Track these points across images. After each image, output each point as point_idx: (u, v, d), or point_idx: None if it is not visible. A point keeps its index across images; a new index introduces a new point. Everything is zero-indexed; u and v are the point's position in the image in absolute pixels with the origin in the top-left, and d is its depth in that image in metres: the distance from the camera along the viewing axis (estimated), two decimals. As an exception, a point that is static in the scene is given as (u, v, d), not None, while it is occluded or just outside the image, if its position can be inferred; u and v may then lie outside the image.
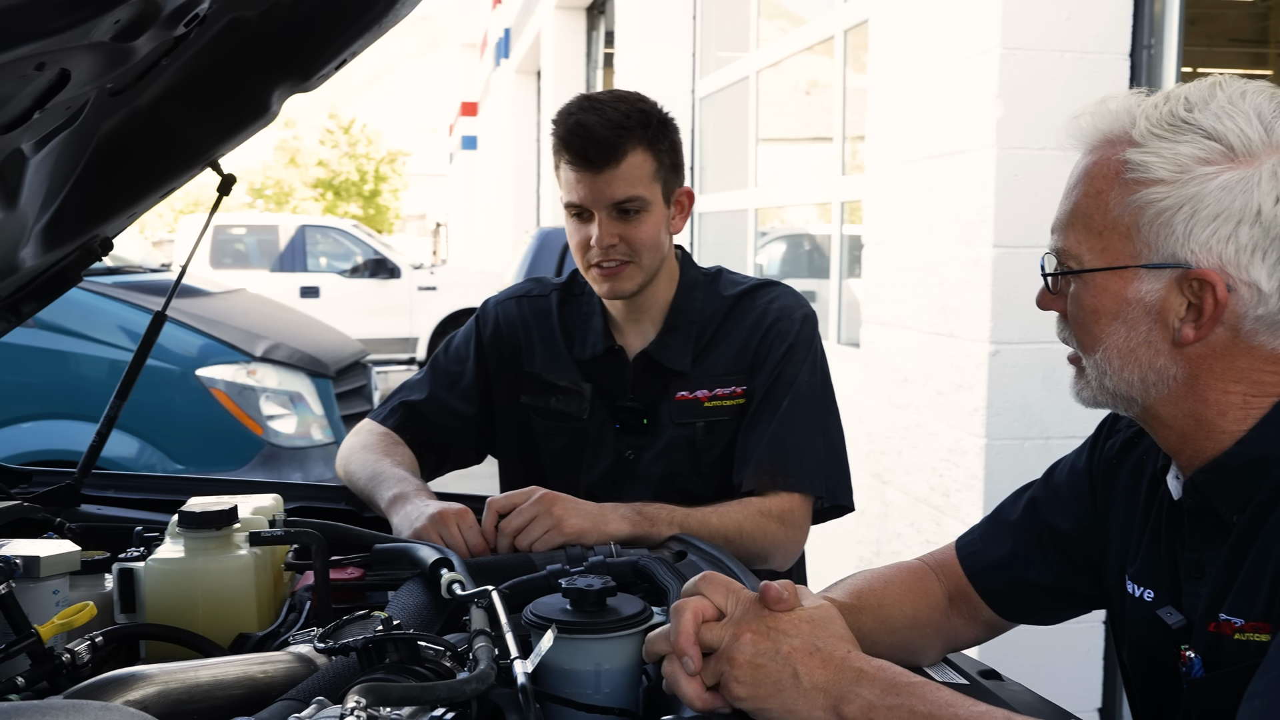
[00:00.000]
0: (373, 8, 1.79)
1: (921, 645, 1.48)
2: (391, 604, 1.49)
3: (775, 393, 2.05)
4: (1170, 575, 1.29)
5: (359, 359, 6.24)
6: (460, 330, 2.29)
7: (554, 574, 1.56)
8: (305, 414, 5.32)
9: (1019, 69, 3.18)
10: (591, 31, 13.18)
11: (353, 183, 40.59)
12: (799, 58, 6.37)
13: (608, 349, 2.15)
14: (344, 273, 14.49)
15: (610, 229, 2.01)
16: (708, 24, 7.87)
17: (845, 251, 5.26)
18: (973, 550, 1.54)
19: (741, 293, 2.17)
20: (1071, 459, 1.52)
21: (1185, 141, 1.17)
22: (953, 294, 3.44)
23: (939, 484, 3.53)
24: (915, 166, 3.68)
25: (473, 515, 1.79)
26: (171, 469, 4.97)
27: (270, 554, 1.63)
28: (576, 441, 2.16)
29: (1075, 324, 1.28)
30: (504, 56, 19.23)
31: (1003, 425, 3.26)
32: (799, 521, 2.00)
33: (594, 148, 1.98)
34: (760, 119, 6.67)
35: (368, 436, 2.14)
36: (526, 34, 16.28)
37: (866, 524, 4.06)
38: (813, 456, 2.03)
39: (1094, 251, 1.24)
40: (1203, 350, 1.20)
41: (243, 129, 1.84)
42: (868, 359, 4.08)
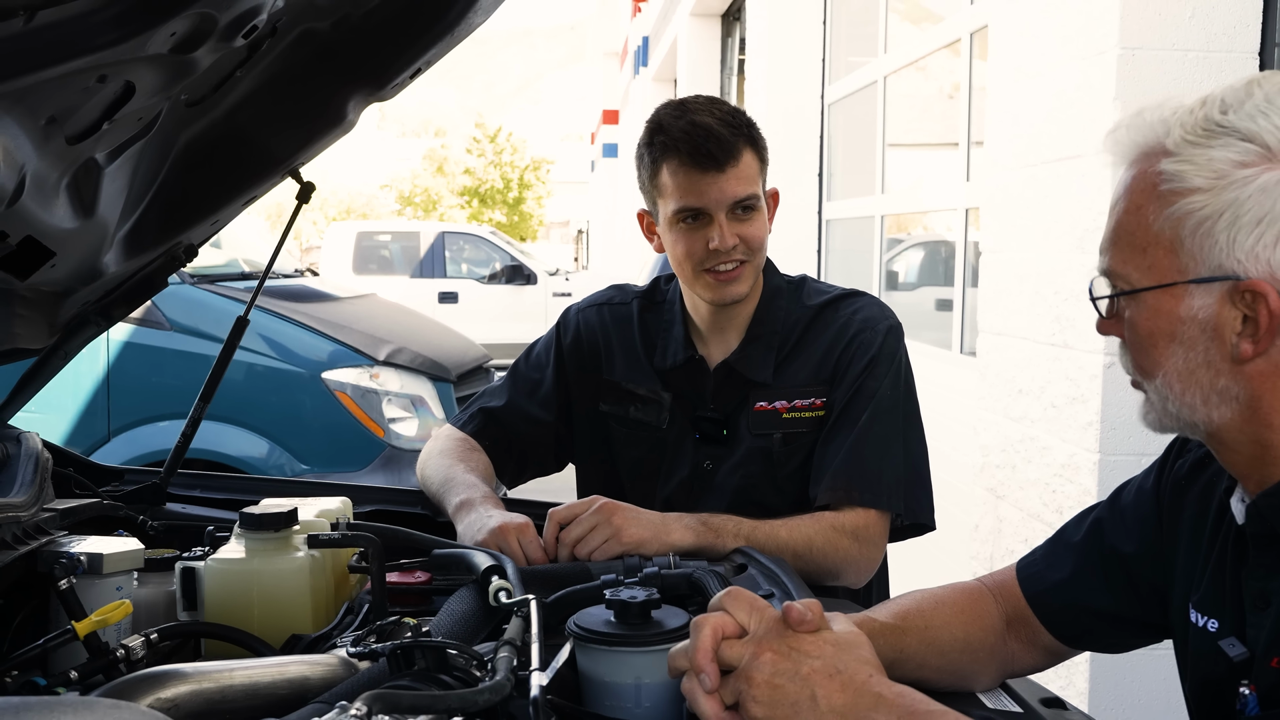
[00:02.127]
0: (444, 17, 1.81)
1: (974, 669, 1.42)
2: (442, 610, 1.50)
3: (855, 406, 2.00)
4: (1235, 605, 1.22)
5: (481, 364, 6.33)
6: (542, 337, 2.29)
7: (606, 584, 1.55)
8: (426, 417, 5.42)
9: (1138, 70, 3.05)
10: (726, 38, 13.16)
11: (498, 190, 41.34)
12: (939, 60, 6.25)
13: (688, 358, 2.13)
14: (482, 279, 14.77)
15: (731, 230, 1.98)
16: (838, 28, 7.77)
17: (969, 260, 5.13)
18: (1033, 571, 1.47)
19: (825, 302, 2.12)
20: (1140, 479, 1.44)
21: (1220, 146, 1.11)
22: (1068, 303, 3.32)
23: (1052, 500, 3.41)
24: (1032, 171, 3.56)
25: (534, 529, 1.79)
26: (298, 470, 5.12)
27: (331, 556, 1.65)
28: (655, 451, 2.14)
29: (1134, 348, 1.23)
30: (643, 64, 19.34)
31: (1118, 440, 3.13)
32: (874, 538, 1.94)
33: (717, 145, 1.95)
34: (891, 123, 6.56)
35: (446, 442, 2.16)
36: (664, 42, 16.35)
37: (980, 539, 3.95)
38: (891, 472, 1.97)
39: (1140, 270, 1.18)
40: (1265, 366, 1.13)
41: (320, 138, 1.87)
42: (984, 369, 3.97)
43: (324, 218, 47.32)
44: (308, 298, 5.83)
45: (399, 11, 1.75)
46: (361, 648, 1.26)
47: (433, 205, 43.93)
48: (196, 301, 5.21)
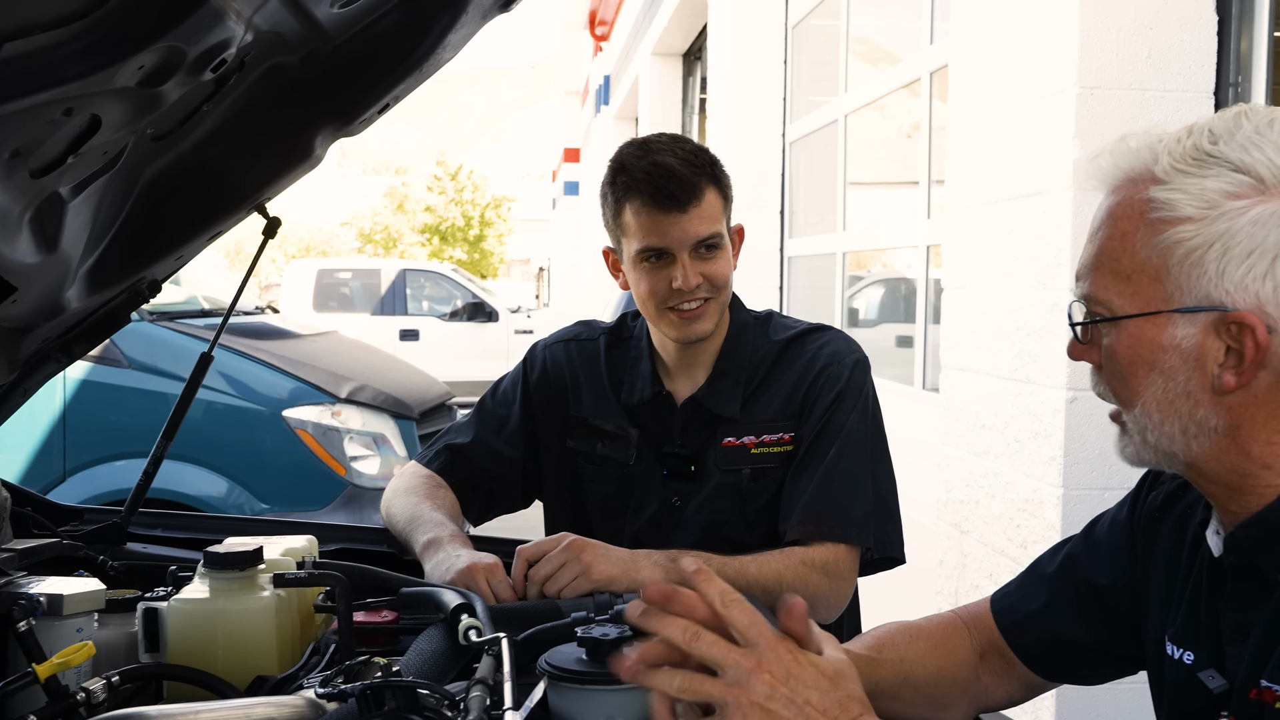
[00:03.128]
0: (413, 53, 1.81)
1: (947, 703, 1.41)
2: (411, 649, 1.48)
3: (823, 440, 2.00)
4: (1212, 637, 1.22)
5: (444, 401, 6.30)
6: (508, 374, 2.28)
7: (577, 621, 1.53)
8: (388, 455, 5.38)
9: (1097, 108, 3.10)
10: (688, 77, 13.26)
11: (459, 228, 41.35)
12: (898, 101, 6.32)
13: (656, 394, 2.12)
14: (443, 316, 14.73)
15: (694, 268, 1.98)
16: (799, 67, 7.85)
17: (930, 296, 5.17)
18: (1007, 603, 1.47)
19: (792, 337, 2.12)
20: (1113, 512, 1.44)
21: (1212, 176, 1.11)
22: (1030, 339, 3.34)
23: (1016, 535, 3.42)
24: (993, 209, 3.60)
25: (502, 568, 1.77)
26: (258, 509, 5.07)
27: (297, 596, 1.63)
28: (623, 487, 2.13)
29: (1111, 376, 1.22)
30: (604, 103, 19.45)
31: (1081, 475, 3.15)
32: (844, 573, 1.94)
33: (678, 185, 1.95)
34: (851, 162, 6.62)
35: (411, 479, 2.14)
36: (625, 81, 16.45)
37: (945, 575, 3.96)
38: (860, 506, 1.97)
39: (1123, 297, 1.17)
40: (1245, 398, 1.13)
41: (286, 173, 1.86)
42: (947, 405, 3.99)
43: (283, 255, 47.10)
44: (268, 335, 5.79)
45: (368, 47, 1.74)
46: (330, 688, 1.24)
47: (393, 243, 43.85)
48: (156, 339, 5.15)
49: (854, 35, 6.64)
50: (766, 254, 7.66)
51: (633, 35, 14.95)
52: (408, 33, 1.77)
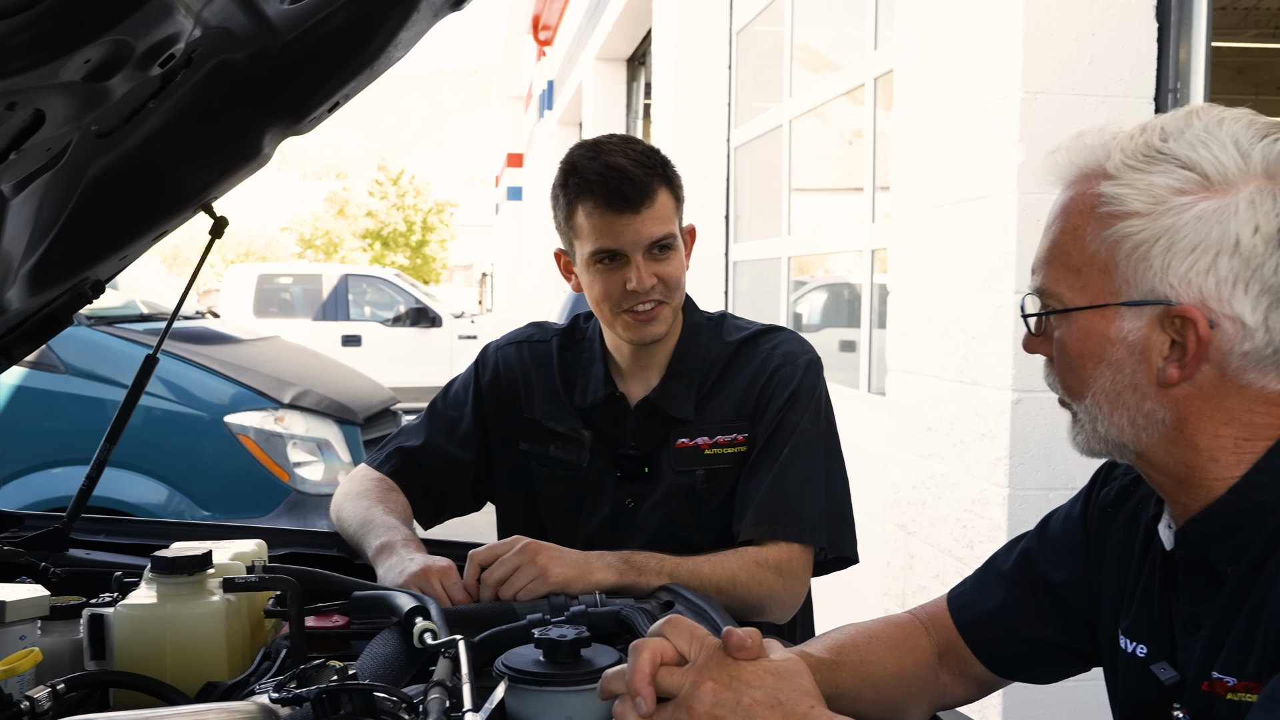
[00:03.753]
0: (364, 51, 1.79)
1: (907, 703, 1.42)
2: (365, 653, 1.46)
3: (776, 441, 2.01)
4: (1164, 630, 1.23)
5: (388, 406, 6.25)
6: (460, 376, 2.26)
7: (533, 624, 1.52)
8: (333, 461, 5.32)
9: (1040, 113, 3.14)
10: (632, 83, 13.28)
11: (400, 233, 41.09)
12: (839, 107, 6.36)
13: (609, 396, 2.11)
14: (386, 321, 14.62)
15: (648, 270, 1.98)
16: (743, 73, 7.88)
17: (875, 300, 5.21)
18: (964, 602, 1.48)
19: (745, 338, 2.13)
20: (1066, 508, 1.46)
21: (1160, 172, 1.13)
22: (976, 341, 3.38)
23: (963, 535, 3.45)
24: (939, 213, 3.64)
25: (457, 572, 1.76)
26: (199, 516, 4.99)
27: (247, 601, 1.60)
28: (576, 489, 2.12)
29: (1062, 368, 1.23)
30: (547, 108, 19.41)
31: (1026, 475, 3.19)
32: (797, 573, 1.94)
33: (631, 187, 1.95)
34: (795, 168, 6.66)
35: (362, 482, 2.11)
36: (569, 86, 16.44)
37: (892, 576, 3.98)
38: (814, 506, 1.97)
39: (1074, 290, 1.19)
40: (1190, 391, 1.15)
41: (234, 172, 1.83)
42: (893, 407, 4.02)
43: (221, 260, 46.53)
44: (209, 340, 5.70)
45: (318, 44, 1.72)
46: (284, 693, 1.21)
47: (334, 248, 43.47)
48: (93, 344, 5.06)
49: (797, 42, 6.68)
50: (711, 259, 7.68)
51: (576, 40, 14.95)
52: (358, 30, 1.75)
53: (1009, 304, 3.18)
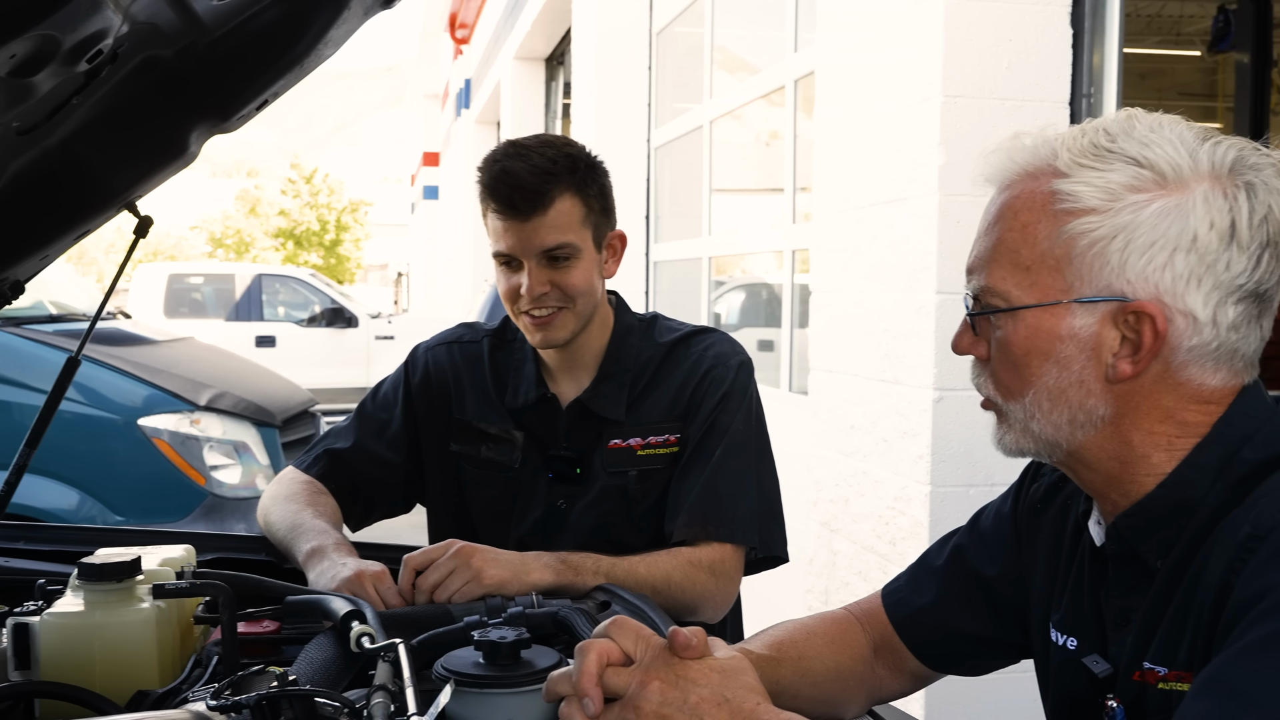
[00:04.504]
0: (294, 48, 1.76)
1: (845, 698, 1.44)
2: (300, 658, 1.44)
3: (708, 441, 2.02)
4: (1095, 623, 1.26)
5: (307, 408, 6.17)
6: (389, 377, 2.24)
7: (471, 626, 1.52)
8: (250, 464, 5.24)
9: (960, 116, 3.20)
10: (550, 82, 13.25)
11: (314, 232, 40.57)
12: (757, 109, 6.41)
13: (540, 397, 2.11)
14: (301, 322, 14.42)
15: (540, 276, 1.97)
16: (663, 74, 7.91)
17: (796, 300, 5.26)
18: (898, 598, 1.50)
19: (677, 340, 2.14)
20: (997, 504, 1.49)
21: (1115, 169, 1.14)
22: (898, 340, 3.43)
23: (885, 532, 3.50)
24: (861, 214, 3.69)
25: (390, 576, 1.74)
26: (112, 521, 4.87)
27: (177, 607, 1.57)
28: (508, 491, 2.11)
29: (1002, 367, 1.23)
30: (465, 107, 19.30)
31: (948, 472, 3.24)
32: (730, 572, 1.96)
33: (520, 195, 1.95)
34: (716, 169, 6.70)
35: (290, 485, 2.08)
36: (486, 85, 16.36)
37: (815, 573, 4.03)
38: (745, 506, 1.99)
39: (1021, 288, 1.20)
40: (1133, 388, 1.17)
41: (160, 170, 1.80)
42: (815, 406, 4.07)
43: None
44: (121, 341, 5.58)
45: (246, 42, 1.69)
46: (223, 700, 1.19)
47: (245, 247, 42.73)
48: (1, 346, 4.92)
49: (717, 43, 6.72)
50: (632, 259, 7.69)
51: (494, 39, 14.88)
52: (288, 28, 1.72)
53: (930, 304, 3.23)
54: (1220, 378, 1.16)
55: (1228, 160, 1.14)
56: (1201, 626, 1.08)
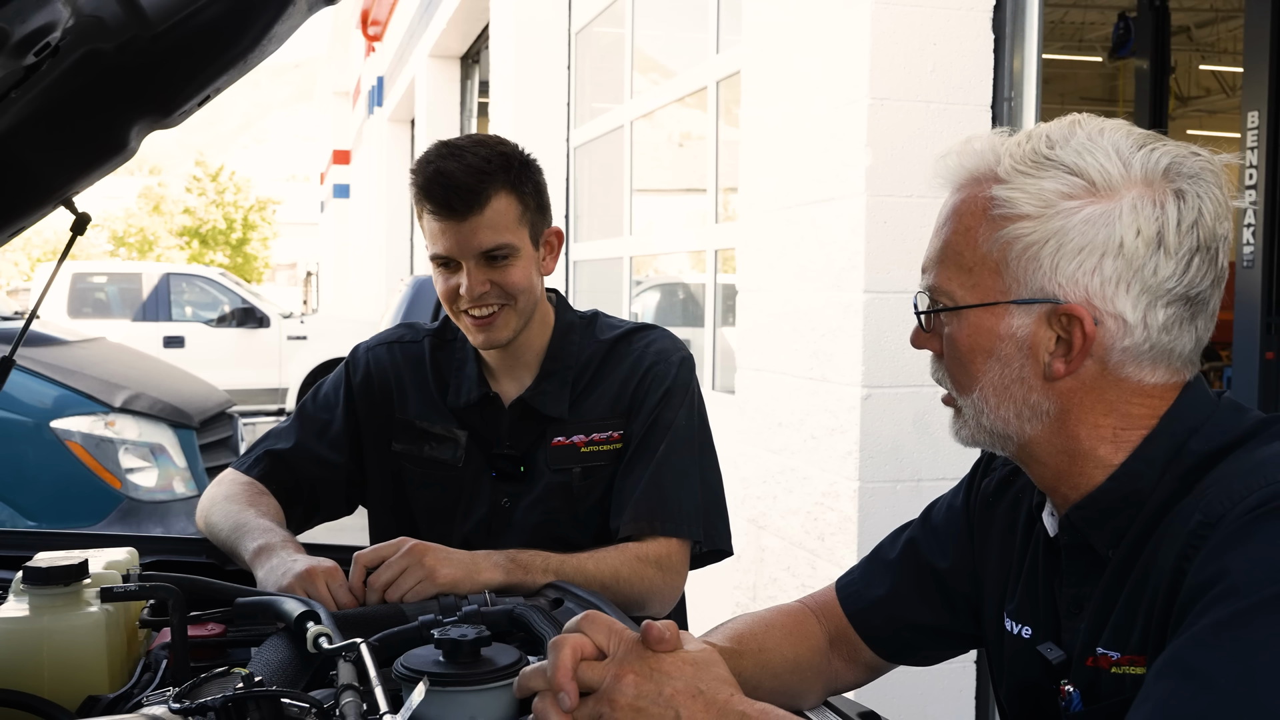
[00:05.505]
0: (238, 44, 1.74)
1: (803, 688, 1.46)
2: (254, 660, 1.43)
3: (652, 437, 2.04)
4: (1049, 612, 1.30)
5: (224, 409, 6.06)
6: (329, 377, 2.22)
7: (426, 625, 1.51)
8: (167, 466, 5.14)
9: (886, 118, 3.25)
10: (466, 80, 13.19)
11: (220, 231, 39.84)
12: (672, 110, 6.45)
13: (483, 395, 2.11)
14: (210, 322, 14.14)
15: (480, 276, 1.97)
16: (582, 74, 7.91)
17: (720, 299, 5.31)
18: (853, 590, 1.53)
19: (618, 336, 2.15)
20: (949, 498, 1.52)
21: (1049, 177, 1.19)
22: (825, 339, 3.48)
23: (814, 528, 3.55)
24: (788, 214, 3.73)
25: (342, 573, 1.72)
26: (23, 526, 4.75)
27: (124, 611, 1.54)
28: (451, 490, 2.11)
29: (951, 363, 1.28)
30: (377, 105, 19.09)
31: (875, 468, 3.30)
32: (677, 566, 1.98)
33: (456, 196, 1.94)
34: (637, 169, 6.72)
35: (230, 487, 2.05)
36: (400, 82, 16.20)
37: (743, 569, 4.07)
38: (690, 501, 2.01)
39: (965, 288, 1.24)
40: (1073, 384, 1.21)
41: (99, 166, 1.76)
42: (743, 405, 4.11)
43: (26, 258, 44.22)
44: (31, 341, 5.42)
45: (190, 36, 1.67)
46: (187, 702, 1.18)
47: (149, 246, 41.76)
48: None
49: (638, 44, 6.75)
50: (552, 258, 7.67)
51: (408, 36, 14.75)
52: (232, 23, 1.70)
53: (858, 302, 3.28)
54: (1159, 375, 1.21)
55: (1160, 167, 1.18)
56: (1155, 611, 1.12)
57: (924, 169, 3.37)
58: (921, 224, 3.27)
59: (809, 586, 3.53)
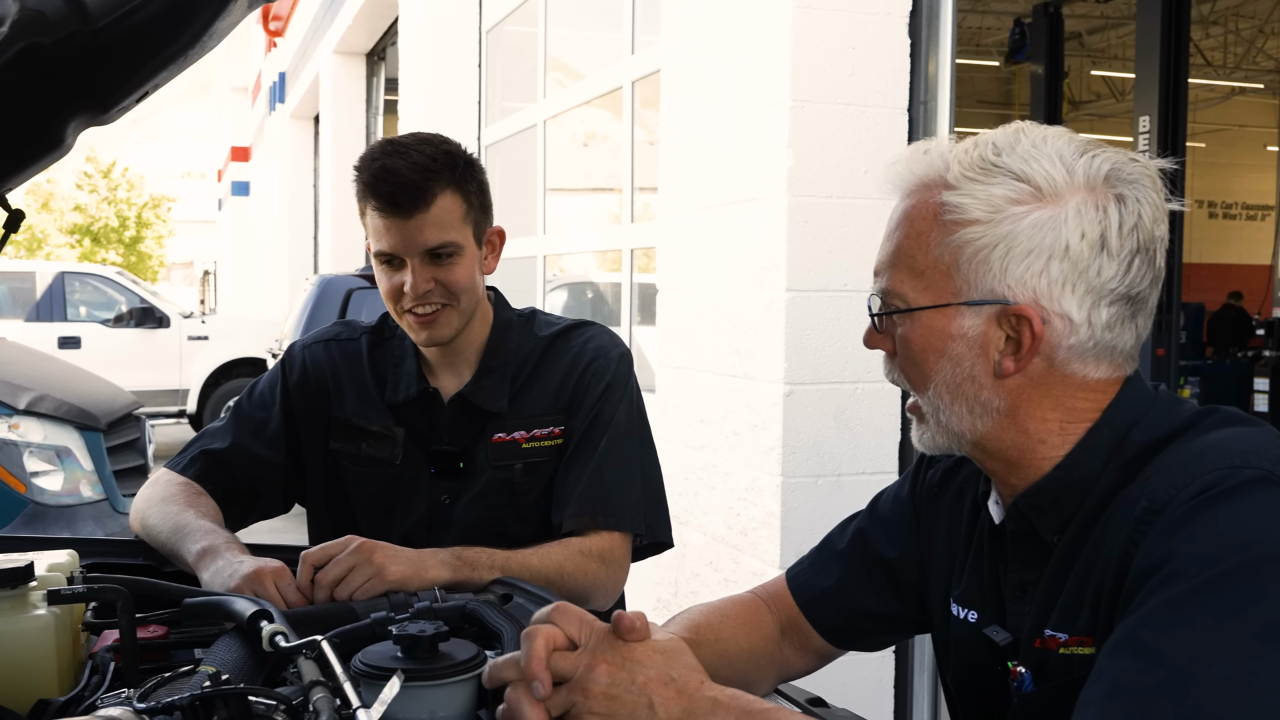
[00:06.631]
0: (179, 40, 1.72)
1: (756, 677, 1.50)
2: (206, 661, 1.42)
3: (593, 432, 2.06)
4: (994, 596, 1.36)
5: (131, 411, 5.94)
6: (264, 375, 2.21)
7: (379, 621, 1.52)
8: (74, 469, 5.02)
9: (807, 120, 3.32)
10: (372, 78, 13.05)
11: (113, 229, 38.87)
12: (576, 111, 6.46)
13: (421, 392, 2.11)
14: (107, 322, 13.77)
15: (424, 274, 1.98)
16: (493, 74, 7.90)
17: (636, 298, 5.34)
18: (803, 580, 1.58)
19: (557, 333, 2.17)
20: (894, 489, 1.57)
21: (997, 184, 1.24)
22: (747, 337, 3.53)
23: (736, 523, 3.60)
24: (710, 214, 3.78)
25: (290, 573, 1.72)
26: (-79, 533, 4.60)
27: (69, 613, 1.52)
28: (390, 488, 2.11)
29: (905, 362, 1.33)
30: (279, 101, 18.78)
31: (798, 464, 3.36)
32: (619, 560, 2.01)
33: (402, 193, 1.95)
34: (550, 168, 6.72)
35: (167, 487, 2.03)
36: (303, 79, 15.97)
37: (665, 565, 4.10)
38: (631, 495, 2.04)
39: (917, 290, 1.29)
40: (1022, 381, 1.27)
41: (34, 163, 1.72)
42: (664, 402, 4.15)
43: (-94, 257, 42.59)
44: (-72, 343, 5.27)
45: (131, 33, 1.64)
46: (153, 702, 1.17)
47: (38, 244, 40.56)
48: None
49: (551, 43, 6.75)
50: (464, 257, 7.63)
51: (311, 32, 14.54)
52: (173, 20, 1.68)
53: (780, 301, 3.34)
54: (1102, 370, 1.28)
55: (1102, 173, 1.24)
56: (1103, 594, 1.18)
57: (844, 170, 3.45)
58: (842, 224, 3.34)
59: (731, 581, 3.58)
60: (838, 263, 3.34)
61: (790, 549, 3.29)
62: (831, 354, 3.36)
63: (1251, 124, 21.53)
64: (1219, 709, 1.00)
